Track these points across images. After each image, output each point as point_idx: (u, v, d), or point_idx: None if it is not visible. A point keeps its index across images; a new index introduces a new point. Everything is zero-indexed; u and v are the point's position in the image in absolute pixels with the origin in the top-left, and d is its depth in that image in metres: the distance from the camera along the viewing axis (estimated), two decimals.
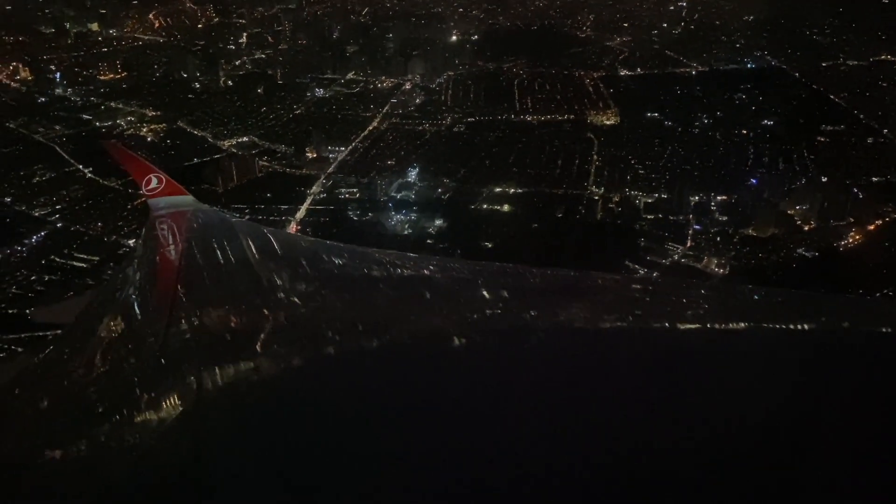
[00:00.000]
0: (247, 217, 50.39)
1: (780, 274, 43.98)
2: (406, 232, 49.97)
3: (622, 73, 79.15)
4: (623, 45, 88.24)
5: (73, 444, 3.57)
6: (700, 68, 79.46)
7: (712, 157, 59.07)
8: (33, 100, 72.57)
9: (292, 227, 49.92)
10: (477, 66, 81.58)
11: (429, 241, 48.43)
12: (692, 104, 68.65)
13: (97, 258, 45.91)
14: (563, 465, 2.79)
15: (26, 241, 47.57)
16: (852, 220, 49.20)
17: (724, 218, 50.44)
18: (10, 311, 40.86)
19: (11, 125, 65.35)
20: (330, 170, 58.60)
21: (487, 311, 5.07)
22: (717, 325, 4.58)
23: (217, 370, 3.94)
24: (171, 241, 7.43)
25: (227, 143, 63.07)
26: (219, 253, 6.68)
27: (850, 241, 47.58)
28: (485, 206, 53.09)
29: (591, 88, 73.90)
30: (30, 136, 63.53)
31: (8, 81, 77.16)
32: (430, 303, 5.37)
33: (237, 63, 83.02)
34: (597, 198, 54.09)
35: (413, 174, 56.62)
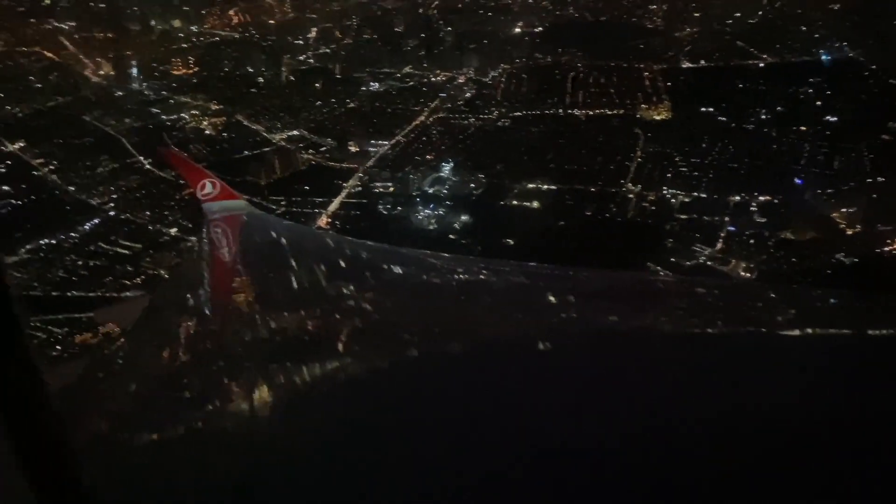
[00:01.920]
0: (282, 209, 52.59)
1: (810, 280, 41.81)
2: (431, 227, 50.45)
3: (684, 66, 76.49)
4: (691, 36, 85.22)
5: (171, 429, 3.87)
6: (769, 60, 75.75)
7: (762, 155, 56.53)
8: (111, 94, 77.27)
9: (323, 220, 51.39)
10: (534, 58, 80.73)
11: (451, 236, 48.74)
12: (752, 98, 65.66)
13: (139, 246, 48.86)
14: (669, 470, 2.80)
15: (80, 228, 51.18)
16: None
17: (763, 220, 48.28)
18: (53, 294, 44.10)
19: (87, 118, 69.88)
20: (369, 164, 59.75)
21: (563, 316, 5.17)
22: (813, 331, 4.57)
23: (304, 368, 4.16)
24: (224, 245, 7.86)
25: (277, 137, 65.37)
26: (270, 256, 7.06)
27: None
28: (514, 202, 52.96)
29: (647, 82, 71.88)
30: (101, 128, 67.78)
31: (91, 76, 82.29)
32: (500, 308, 5.47)
33: (302, 58, 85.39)
34: (631, 196, 52.90)
35: (447, 169, 56.94)
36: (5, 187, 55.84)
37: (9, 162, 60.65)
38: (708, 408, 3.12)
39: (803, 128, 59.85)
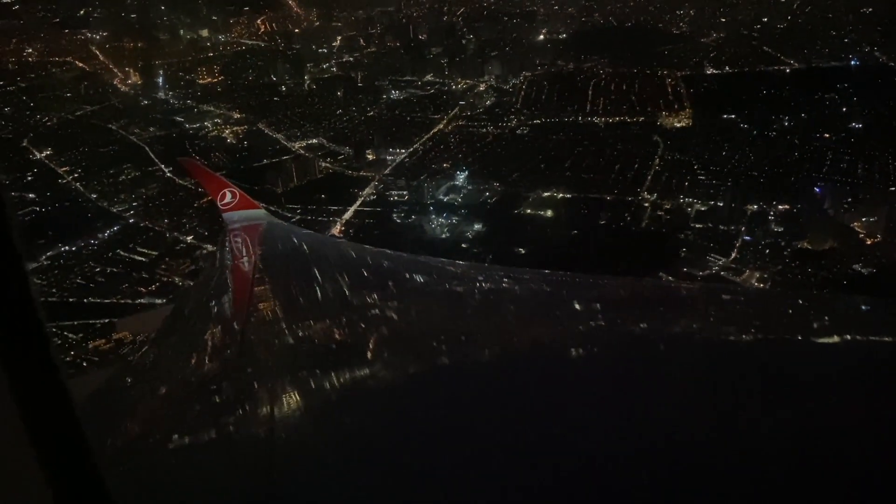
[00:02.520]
0: (297, 216, 53.00)
1: (824, 290, 40.84)
2: (444, 235, 50.39)
3: (708, 72, 75.53)
4: (717, 42, 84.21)
5: (203, 433, 3.88)
6: (796, 65, 74.52)
7: (784, 163, 55.46)
8: (137, 102, 78.78)
9: (336, 228, 51.63)
10: (556, 65, 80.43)
11: (463, 245, 48.62)
12: (776, 105, 64.60)
13: (155, 253, 49.61)
14: (710, 481, 2.80)
15: (100, 235, 52.09)
16: None
17: (781, 229, 47.33)
18: (70, 300, 44.96)
19: (113, 126, 71.38)
20: (386, 172, 59.94)
21: (592, 324, 5.11)
22: (853, 339, 4.50)
23: (334, 375, 4.13)
24: (244, 254, 8.03)
25: (297, 145, 65.93)
26: (290, 265, 7.20)
27: None
28: (528, 210, 52.64)
29: (670, 88, 71.09)
30: (126, 136, 69.14)
31: (119, 85, 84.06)
32: (527, 315, 5.38)
33: (325, 66, 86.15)
34: (647, 204, 52.24)
35: (463, 177, 56.85)
36: (31, 195, 57.07)
37: (36, 170, 62.12)
38: (749, 418, 3.13)
39: (827, 135, 58.68)
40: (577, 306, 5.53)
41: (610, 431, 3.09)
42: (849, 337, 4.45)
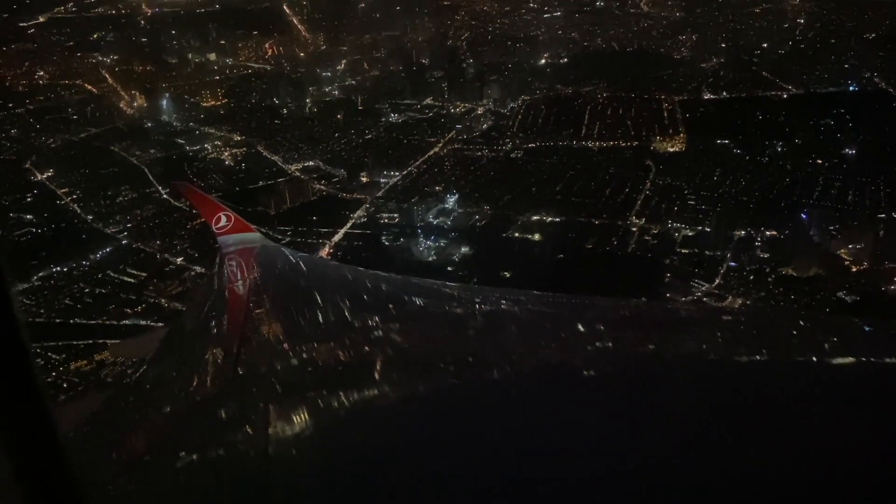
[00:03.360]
0: (287, 239, 53.41)
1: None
2: (430, 258, 50.61)
3: (705, 97, 75.66)
4: (717, 67, 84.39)
5: (199, 455, 3.91)
6: (794, 91, 74.53)
7: (774, 189, 55.34)
8: (141, 124, 79.92)
9: (325, 251, 52.00)
10: (555, 89, 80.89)
11: (449, 268, 48.80)
12: (770, 130, 64.64)
13: (144, 274, 50.15)
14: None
15: (91, 256, 52.71)
16: None
17: (766, 255, 47.15)
18: (57, 321, 45.50)
19: (115, 148, 72.38)
20: (378, 194, 60.40)
21: (598, 345, 5.10)
22: (859, 360, 4.53)
23: (327, 396, 4.18)
24: (239, 278, 8.08)
25: (293, 167, 66.64)
26: (287, 288, 7.30)
27: None
28: (516, 234, 52.81)
29: (666, 113, 71.26)
30: (127, 158, 70.07)
31: (125, 108, 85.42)
32: (531, 337, 5.38)
33: (327, 89, 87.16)
34: (635, 229, 52.24)
35: (453, 200, 57.18)
36: (28, 216, 58.10)
37: (36, 191, 63.14)
38: (761, 439, 3.18)
39: (820, 160, 58.53)
40: (579, 327, 5.51)
41: (621, 451, 3.12)
42: (863, 359, 4.39)
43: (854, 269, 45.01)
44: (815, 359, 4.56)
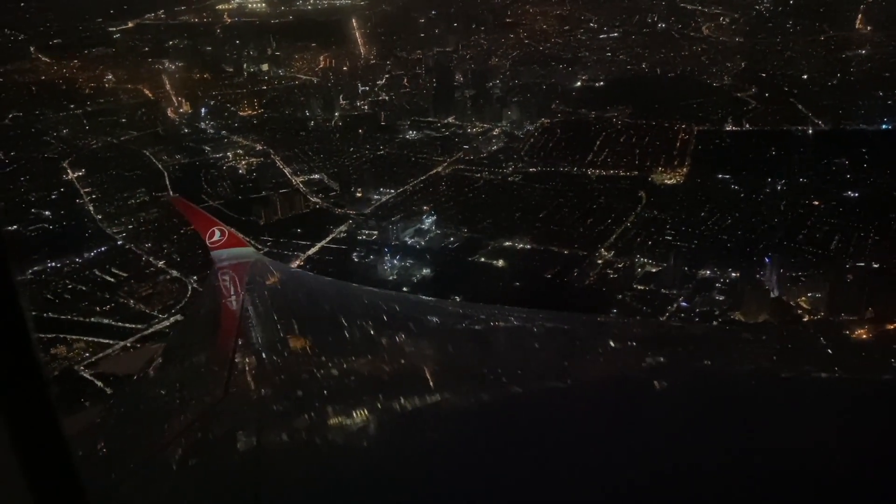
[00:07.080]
0: (266, 249, 55.43)
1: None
2: (391, 278, 51.53)
3: (727, 129, 73.17)
4: (753, 98, 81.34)
5: (201, 466, 3.94)
6: (822, 126, 70.97)
7: (759, 229, 53.25)
8: (178, 130, 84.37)
9: (296, 262, 53.71)
10: (578, 113, 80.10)
11: (405, 288, 49.53)
12: (778, 166, 61.91)
13: (125, 275, 53.29)
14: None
15: (86, 255, 56.30)
16: (872, 315, 41.87)
17: (721, 298, 45.60)
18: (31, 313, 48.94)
19: (147, 152, 76.74)
20: (366, 211, 61.83)
21: (597, 361, 5.27)
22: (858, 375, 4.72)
23: (318, 410, 4.34)
24: (231, 292, 8.16)
25: (299, 179, 68.92)
26: (276, 303, 7.49)
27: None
28: (482, 259, 52.98)
29: (679, 143, 69.46)
30: (154, 162, 74.25)
31: (171, 114, 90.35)
32: (550, 353, 5.51)
33: (359, 104, 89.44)
34: (600, 261, 51.47)
35: (431, 221, 57.88)
36: (46, 212, 62.63)
37: (62, 189, 67.85)
38: (776, 454, 3.25)
39: (817, 202, 55.80)
40: (588, 344, 5.66)
41: (637, 466, 3.22)
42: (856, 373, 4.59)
43: (805, 319, 42.88)
44: (823, 373, 4.65)
